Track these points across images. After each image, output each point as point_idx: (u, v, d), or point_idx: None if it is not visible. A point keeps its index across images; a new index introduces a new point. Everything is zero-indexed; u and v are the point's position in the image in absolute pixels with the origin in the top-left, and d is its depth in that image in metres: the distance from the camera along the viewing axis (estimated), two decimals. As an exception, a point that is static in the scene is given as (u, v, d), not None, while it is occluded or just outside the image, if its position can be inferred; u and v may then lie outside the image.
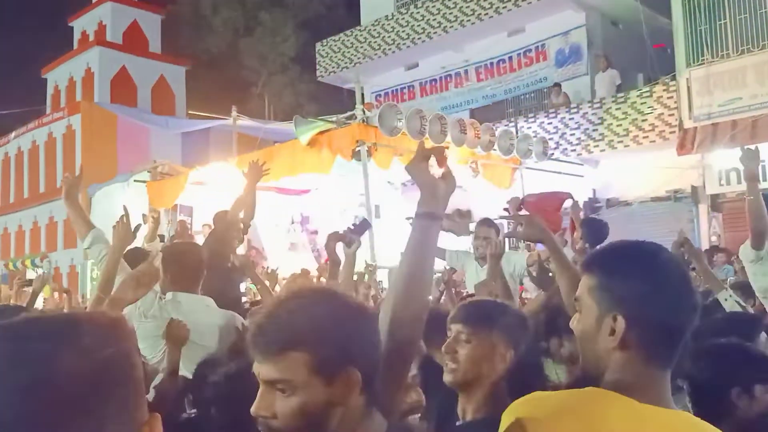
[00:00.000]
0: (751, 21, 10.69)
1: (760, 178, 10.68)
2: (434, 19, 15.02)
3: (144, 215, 9.74)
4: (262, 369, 1.16)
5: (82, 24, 22.00)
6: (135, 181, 11.14)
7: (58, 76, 21.52)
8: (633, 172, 11.82)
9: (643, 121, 11.54)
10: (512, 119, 12.61)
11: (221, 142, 13.82)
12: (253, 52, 26.00)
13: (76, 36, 22.22)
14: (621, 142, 11.74)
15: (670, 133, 11.17)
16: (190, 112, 20.25)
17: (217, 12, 26.07)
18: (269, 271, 6.18)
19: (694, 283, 1.37)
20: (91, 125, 18.67)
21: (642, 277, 1.28)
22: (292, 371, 1.13)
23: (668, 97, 11.29)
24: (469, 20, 14.39)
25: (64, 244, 18.79)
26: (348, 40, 16.95)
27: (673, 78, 11.30)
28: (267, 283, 4.65)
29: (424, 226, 1.47)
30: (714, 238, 10.68)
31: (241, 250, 5.66)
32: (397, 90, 16.85)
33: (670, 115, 11.24)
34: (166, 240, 8.60)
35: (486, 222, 4.96)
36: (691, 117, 10.88)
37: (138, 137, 18.00)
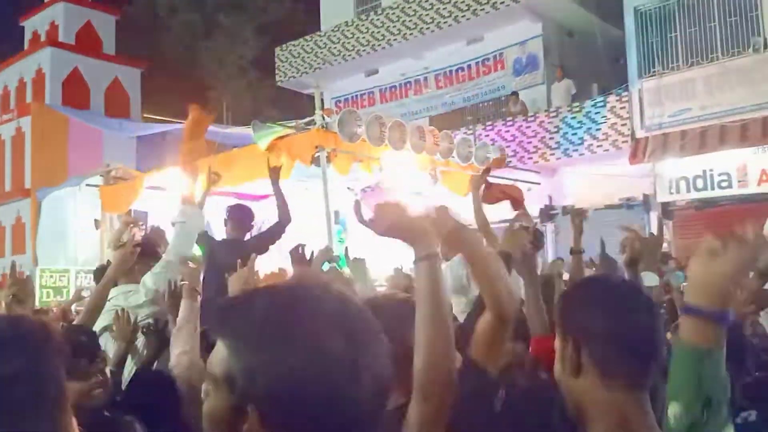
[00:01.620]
0: (700, 34, 11.06)
1: (709, 186, 10.97)
2: (394, 26, 15.11)
3: (96, 220, 9.47)
4: None
5: (34, 24, 21.40)
6: (87, 185, 10.84)
7: (7, 77, 20.84)
8: (588, 180, 12.07)
9: (597, 130, 11.81)
10: (471, 127, 12.75)
11: (177, 146, 13.59)
12: (211, 56, 25.68)
13: (27, 36, 21.59)
14: (576, 150, 11.99)
15: (623, 142, 11.46)
16: (145, 115, 19.87)
17: (174, 14, 25.68)
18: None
19: (649, 300, 1.35)
20: (42, 128, 18.15)
21: (586, 302, 1.30)
22: None
23: (621, 108, 11.59)
24: (428, 28, 14.51)
25: (12, 250, 18.18)
26: (308, 46, 16.91)
27: (626, 89, 11.60)
28: None
29: (427, 268, 1.36)
30: (666, 245, 10.97)
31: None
32: (357, 96, 16.87)
33: (623, 124, 11.54)
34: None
35: None
36: (643, 127, 11.19)
37: (91, 140, 17.55)
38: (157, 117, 12.67)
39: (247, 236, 5.49)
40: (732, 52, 10.65)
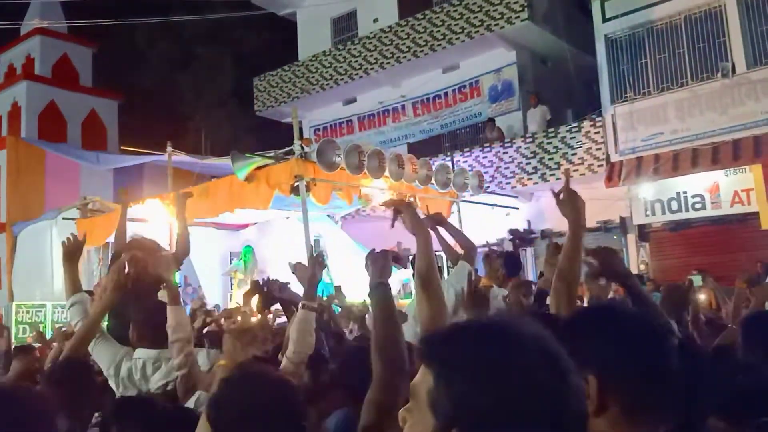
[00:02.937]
0: (669, 60, 11.35)
1: (684, 208, 11.13)
2: (371, 56, 15.30)
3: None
4: None
5: (10, 57, 21.28)
6: (63, 218, 10.74)
7: (-18, 111, 20.64)
8: (565, 203, 12.21)
9: (572, 154, 11.99)
10: (449, 153, 12.88)
11: (155, 178, 13.50)
12: (189, 86, 25.71)
13: (3, 69, 21.45)
14: (553, 175, 12.15)
15: (599, 166, 11.64)
16: (122, 147, 19.71)
17: (152, 45, 25.72)
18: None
19: (659, 325, 1.29)
20: (18, 161, 17.89)
21: (605, 334, 1.20)
22: None
23: (595, 132, 11.80)
24: (405, 57, 14.72)
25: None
26: (286, 75, 17.03)
27: (600, 114, 11.82)
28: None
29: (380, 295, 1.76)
30: (642, 266, 11.11)
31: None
32: (335, 124, 16.98)
33: (597, 149, 11.74)
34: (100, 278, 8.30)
35: None
36: (617, 151, 11.39)
37: (67, 173, 17.35)
38: (135, 149, 12.60)
39: None
40: (701, 77, 10.93)
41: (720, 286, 5.37)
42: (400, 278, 10.50)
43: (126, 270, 3.16)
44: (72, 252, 3.38)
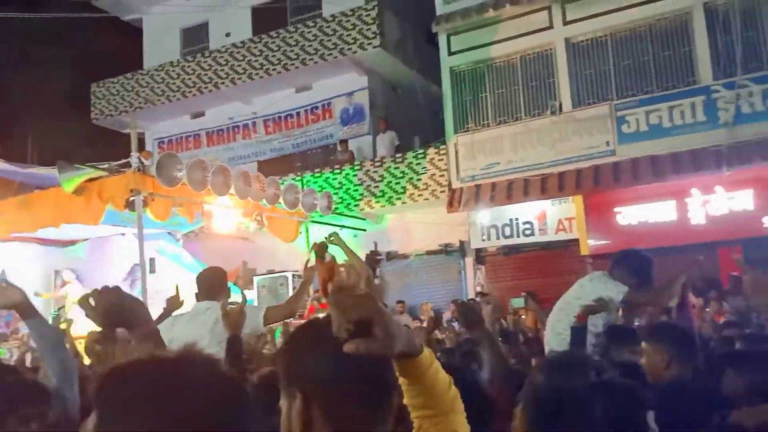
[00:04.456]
0: (507, 96, 12.21)
1: (515, 234, 11.91)
2: (222, 70, 14.92)
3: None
4: None
5: None
6: None
7: None
8: (410, 227, 12.65)
9: (418, 180, 12.46)
10: (299, 173, 12.86)
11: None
12: (17, 89, 23.47)
13: None
14: (399, 199, 12.53)
15: (441, 192, 12.19)
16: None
17: (-25, 41, 23.22)
18: None
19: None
20: None
21: (306, 351, 1.19)
22: None
23: (439, 160, 12.36)
24: (257, 74, 14.52)
25: None
26: (128, 83, 16.11)
27: (444, 142, 12.41)
28: None
29: None
30: (479, 288, 11.73)
31: None
32: (181, 138, 16.30)
33: (441, 175, 12.29)
34: None
35: None
36: (458, 178, 12.00)
37: None
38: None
39: None
40: (533, 113, 11.86)
41: (540, 308, 5.79)
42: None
43: None
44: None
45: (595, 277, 3.98)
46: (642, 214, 10.82)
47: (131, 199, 6.84)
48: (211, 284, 3.77)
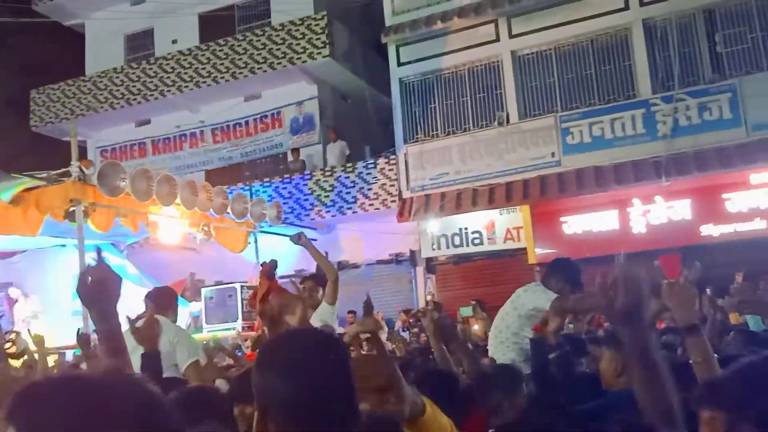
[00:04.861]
0: (455, 107, 12.36)
1: (465, 243, 12.07)
2: (168, 77, 14.64)
3: None
4: None
5: None
6: None
7: None
8: (361, 236, 12.63)
9: (369, 189, 12.47)
10: (248, 183, 12.69)
11: None
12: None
13: None
14: (350, 208, 12.51)
15: (392, 201, 12.23)
16: None
17: None
18: None
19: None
20: None
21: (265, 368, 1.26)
22: None
23: (390, 170, 12.41)
24: (204, 82, 14.30)
25: None
26: (69, 90, 15.63)
27: (394, 152, 12.47)
28: None
29: None
30: (429, 297, 11.79)
31: None
32: (126, 146, 15.89)
33: (391, 185, 12.34)
34: None
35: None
36: (409, 188, 12.08)
37: None
38: None
39: None
40: (481, 124, 12.04)
41: (489, 316, 5.86)
42: (191, 311, 10.02)
43: None
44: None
45: (529, 288, 4.09)
46: (586, 223, 11.10)
47: (71, 209, 6.62)
48: (161, 302, 3.79)
